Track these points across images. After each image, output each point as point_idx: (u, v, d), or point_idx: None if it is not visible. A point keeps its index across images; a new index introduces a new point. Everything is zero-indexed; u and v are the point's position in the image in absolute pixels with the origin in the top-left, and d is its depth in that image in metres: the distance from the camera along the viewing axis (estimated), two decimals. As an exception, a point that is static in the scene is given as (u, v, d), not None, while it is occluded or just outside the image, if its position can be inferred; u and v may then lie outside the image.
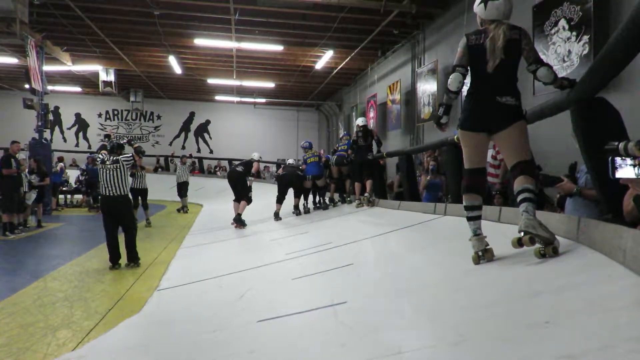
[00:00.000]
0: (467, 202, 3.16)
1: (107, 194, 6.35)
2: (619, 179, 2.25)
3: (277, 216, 9.55)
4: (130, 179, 6.44)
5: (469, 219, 3.15)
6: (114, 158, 6.39)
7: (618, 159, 2.22)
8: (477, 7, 3.20)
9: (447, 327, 2.20)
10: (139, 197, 10.73)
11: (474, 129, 3.09)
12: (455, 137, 3.87)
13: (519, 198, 2.81)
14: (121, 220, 6.49)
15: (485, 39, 3.02)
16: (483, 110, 3.02)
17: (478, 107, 3.05)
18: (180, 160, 15.12)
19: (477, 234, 3.13)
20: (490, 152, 7.62)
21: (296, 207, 9.91)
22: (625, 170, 2.21)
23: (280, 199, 9.71)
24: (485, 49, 2.99)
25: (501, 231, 3.60)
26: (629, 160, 2.21)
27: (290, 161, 10.99)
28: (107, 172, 6.31)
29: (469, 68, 3.12)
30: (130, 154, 6.60)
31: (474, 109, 3.08)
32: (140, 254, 6.54)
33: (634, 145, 2.19)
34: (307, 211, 10.02)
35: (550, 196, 5.81)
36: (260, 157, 10.28)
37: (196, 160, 23.47)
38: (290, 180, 9.83)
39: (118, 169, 6.30)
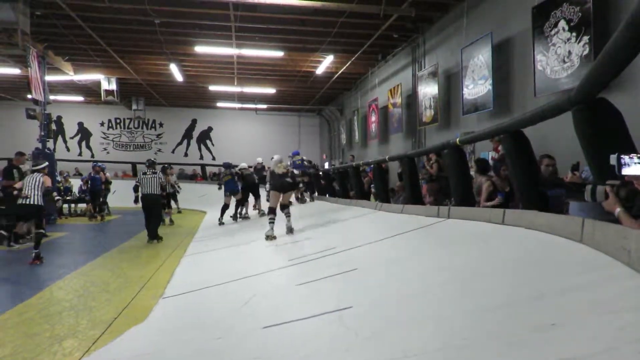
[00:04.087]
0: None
1: (146, 192, 9.50)
2: (624, 176, 2.27)
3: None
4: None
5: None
6: (152, 171, 9.78)
7: (625, 157, 2.24)
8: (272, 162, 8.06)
9: (452, 331, 2.20)
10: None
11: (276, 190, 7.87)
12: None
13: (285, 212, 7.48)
14: (153, 211, 9.59)
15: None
16: (277, 183, 7.88)
17: (279, 181, 7.87)
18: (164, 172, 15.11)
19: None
20: (490, 154, 7.64)
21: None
22: (632, 168, 2.23)
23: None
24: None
25: (505, 233, 3.59)
26: (635, 158, 2.24)
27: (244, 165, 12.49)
28: (148, 179, 9.55)
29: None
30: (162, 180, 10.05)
31: (277, 181, 7.90)
32: (145, 261, 6.99)
33: None
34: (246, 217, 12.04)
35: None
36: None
37: (182, 168, 23.85)
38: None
39: (154, 178, 9.61)
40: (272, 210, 7.93)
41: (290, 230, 7.76)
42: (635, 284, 1.91)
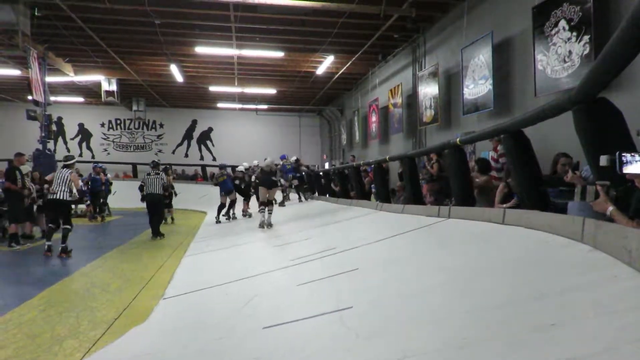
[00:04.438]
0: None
1: (150, 192, 10.17)
2: (625, 174, 2.27)
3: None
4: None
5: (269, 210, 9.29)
6: (156, 172, 10.41)
7: (627, 155, 2.25)
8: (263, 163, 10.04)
9: (452, 331, 2.20)
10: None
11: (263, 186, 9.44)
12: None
13: (268, 209, 9.22)
14: (156, 209, 10.29)
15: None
16: (266, 181, 9.40)
17: (265, 178, 9.53)
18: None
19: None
20: (490, 154, 7.63)
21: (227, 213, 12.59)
22: (633, 166, 2.24)
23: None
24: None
25: (505, 233, 3.59)
26: (637, 156, 2.24)
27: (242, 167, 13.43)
28: (151, 179, 10.26)
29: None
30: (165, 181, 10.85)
31: (263, 178, 9.53)
32: (145, 262, 7.00)
33: None
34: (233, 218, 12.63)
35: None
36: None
37: (183, 169, 23.98)
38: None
39: (157, 178, 10.29)
40: (262, 203, 9.63)
41: (269, 225, 9.18)
42: (636, 284, 1.91)
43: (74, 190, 8.13)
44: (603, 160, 2.43)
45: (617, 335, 1.57)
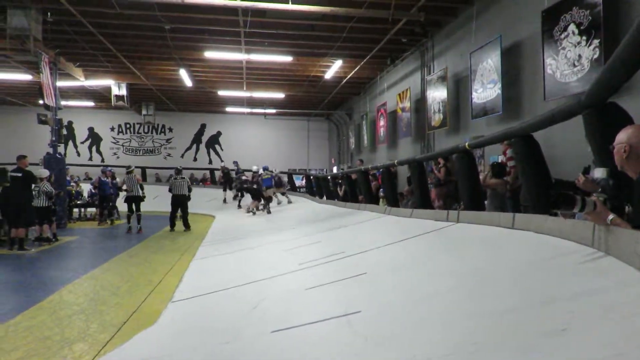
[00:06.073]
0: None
1: (176, 193, 12.84)
2: (613, 189, 2.26)
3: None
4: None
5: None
6: (181, 177, 13.14)
7: None
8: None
9: (462, 336, 2.19)
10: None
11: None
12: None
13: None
14: (182, 207, 12.83)
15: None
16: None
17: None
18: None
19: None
20: (500, 158, 7.60)
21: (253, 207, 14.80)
22: None
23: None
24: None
25: (515, 237, 3.57)
26: None
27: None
28: (178, 182, 12.95)
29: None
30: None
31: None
32: (154, 266, 7.09)
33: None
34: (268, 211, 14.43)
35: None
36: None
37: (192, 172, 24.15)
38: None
39: (183, 181, 13.06)
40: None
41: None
42: (647, 289, 1.89)
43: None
44: (598, 172, 2.40)
45: (628, 341, 1.55)
